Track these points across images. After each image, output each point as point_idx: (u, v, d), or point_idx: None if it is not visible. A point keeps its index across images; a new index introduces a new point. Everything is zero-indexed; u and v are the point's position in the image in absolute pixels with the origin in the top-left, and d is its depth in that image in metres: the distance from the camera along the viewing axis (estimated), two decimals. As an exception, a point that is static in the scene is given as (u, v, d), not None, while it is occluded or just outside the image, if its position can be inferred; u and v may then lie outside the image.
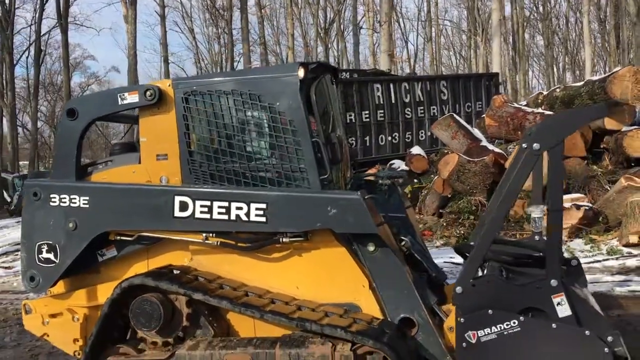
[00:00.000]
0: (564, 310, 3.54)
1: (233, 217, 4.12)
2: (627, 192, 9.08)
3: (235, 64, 40.22)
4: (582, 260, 7.78)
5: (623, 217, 8.80)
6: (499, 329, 3.59)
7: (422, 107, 17.38)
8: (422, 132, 17.21)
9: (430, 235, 10.97)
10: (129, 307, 4.18)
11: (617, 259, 7.86)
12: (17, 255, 13.55)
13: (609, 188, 10.15)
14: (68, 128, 4.59)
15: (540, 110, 12.34)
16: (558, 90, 12.29)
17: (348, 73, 18.70)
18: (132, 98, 4.44)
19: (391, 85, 16.91)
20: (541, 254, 4.09)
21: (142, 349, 4.27)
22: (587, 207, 9.36)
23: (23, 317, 4.67)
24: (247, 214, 4.09)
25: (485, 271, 4.18)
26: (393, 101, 16.87)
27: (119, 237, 4.43)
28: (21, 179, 29.05)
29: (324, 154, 4.24)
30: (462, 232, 10.18)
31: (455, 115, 12.98)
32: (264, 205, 4.07)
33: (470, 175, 10.90)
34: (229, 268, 4.36)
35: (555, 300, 3.55)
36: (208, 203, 4.16)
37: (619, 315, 5.64)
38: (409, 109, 17.15)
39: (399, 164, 13.08)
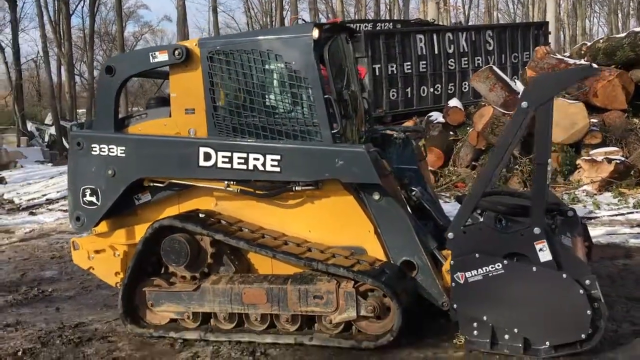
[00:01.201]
0: (545, 255, 3.85)
1: (251, 167, 4.55)
2: (661, 147, 9.06)
3: (284, 12, 40.19)
4: (605, 213, 8.01)
5: (654, 171, 8.82)
6: (484, 271, 3.94)
7: (466, 58, 17.17)
8: (465, 84, 17.06)
9: (464, 187, 11.20)
10: (160, 245, 4.71)
11: (641, 212, 7.96)
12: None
13: (646, 142, 10.10)
14: (106, 84, 5.06)
15: (582, 61, 12.16)
16: (601, 41, 12.04)
17: (391, 24, 18.59)
18: (162, 57, 4.85)
19: (434, 36, 16.74)
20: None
21: (173, 282, 4.82)
22: (618, 161, 9.38)
23: (72, 252, 5.28)
24: (264, 164, 4.52)
25: (482, 220, 4.49)
26: (436, 52, 16.72)
27: (152, 184, 4.94)
28: (79, 127, 30.37)
29: (336, 110, 4.57)
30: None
31: (494, 67, 12.89)
32: (278, 157, 4.48)
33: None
34: (249, 213, 4.82)
35: (538, 246, 3.86)
36: (229, 154, 4.59)
37: (625, 264, 5.87)
38: (453, 60, 16.97)
39: (437, 116, 13.15)
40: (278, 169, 4.50)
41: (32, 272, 7.28)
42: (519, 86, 12.43)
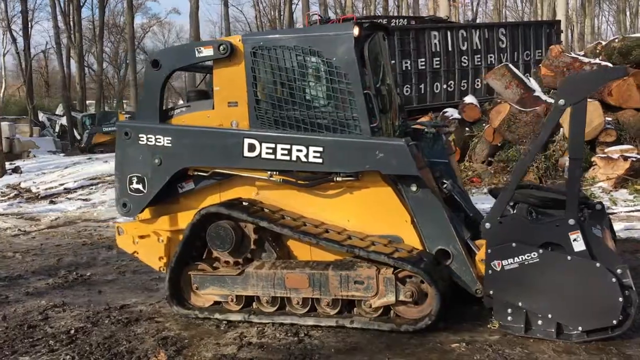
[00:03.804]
0: (579, 245, 4.06)
1: (294, 158, 4.76)
2: (676, 145, 9.24)
3: (293, 6, 40.35)
4: (622, 209, 8.21)
5: (669, 169, 9.01)
6: (520, 260, 4.15)
7: (479, 55, 17.33)
8: (477, 81, 17.23)
9: (479, 183, 11.40)
10: (206, 231, 4.93)
11: (657, 209, 8.16)
12: (92, 188, 14.80)
13: (660, 140, 10.27)
14: (152, 77, 5.27)
15: (597, 60, 12.31)
16: (616, 41, 12.20)
17: (405, 20, 18.74)
18: (207, 51, 5.06)
19: (448, 33, 16.93)
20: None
21: (217, 267, 5.06)
22: (634, 159, 9.57)
23: (116, 237, 5.50)
24: (306, 156, 4.73)
25: (515, 211, 4.70)
26: (450, 49, 16.90)
27: (196, 173, 5.16)
28: (90, 118, 30.61)
29: (375, 104, 4.77)
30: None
31: (510, 65, 13.08)
32: (320, 149, 4.69)
33: (520, 125, 11.16)
34: (290, 202, 5.03)
35: (572, 236, 4.07)
36: (273, 145, 4.81)
37: (644, 258, 6.10)
38: (466, 57, 17.16)
39: (452, 112, 13.35)
40: (320, 161, 4.71)
41: (66, 258, 7.53)
42: (533, 84, 12.62)
